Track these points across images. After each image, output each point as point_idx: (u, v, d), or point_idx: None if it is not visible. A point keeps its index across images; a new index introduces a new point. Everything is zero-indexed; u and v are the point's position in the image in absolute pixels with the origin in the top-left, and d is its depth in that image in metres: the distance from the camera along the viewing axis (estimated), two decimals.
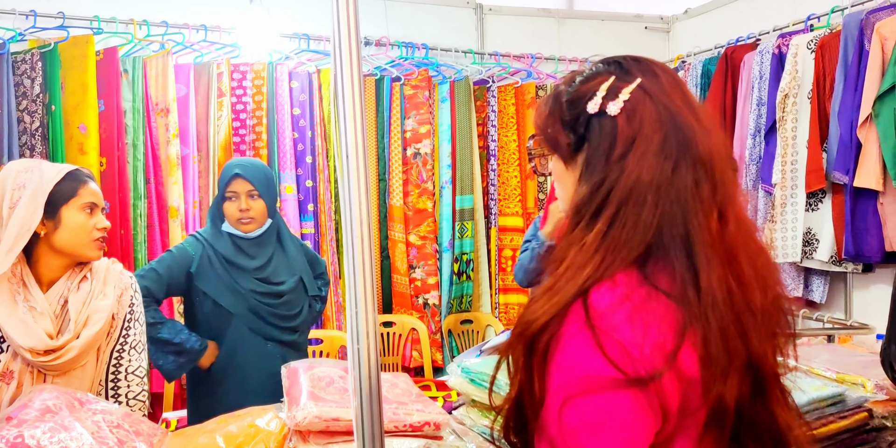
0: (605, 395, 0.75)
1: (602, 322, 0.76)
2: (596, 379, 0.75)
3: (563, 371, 0.77)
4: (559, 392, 0.77)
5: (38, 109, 2.76)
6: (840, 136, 2.80)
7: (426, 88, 3.52)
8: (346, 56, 0.94)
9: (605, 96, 0.87)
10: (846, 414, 1.54)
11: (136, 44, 3.00)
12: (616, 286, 0.79)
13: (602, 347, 0.75)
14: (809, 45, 2.96)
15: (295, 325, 2.30)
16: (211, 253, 2.21)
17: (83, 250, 1.63)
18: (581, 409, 0.75)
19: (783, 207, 3.04)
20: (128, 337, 1.71)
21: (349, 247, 0.96)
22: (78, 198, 1.62)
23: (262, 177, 2.24)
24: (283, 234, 2.35)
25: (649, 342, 0.76)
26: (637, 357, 0.75)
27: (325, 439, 1.35)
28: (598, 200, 0.85)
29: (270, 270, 2.25)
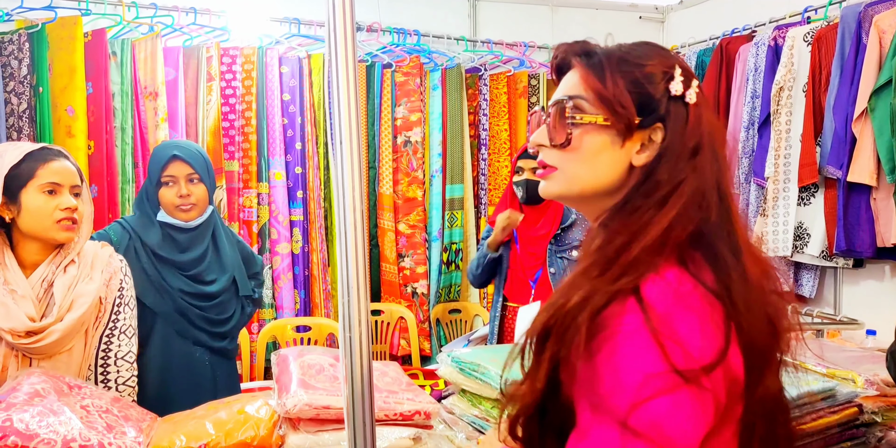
0: (670, 396, 0.72)
1: (663, 324, 0.74)
2: (662, 380, 0.72)
3: (630, 371, 0.74)
4: (628, 390, 0.73)
5: (26, 91, 2.71)
6: (835, 130, 2.80)
7: (417, 75, 3.49)
8: (342, 42, 0.92)
9: (682, 80, 0.85)
10: (836, 409, 1.55)
11: (125, 26, 2.95)
12: (666, 282, 0.77)
13: (666, 351, 0.73)
14: (806, 38, 2.95)
15: (225, 330, 2.07)
16: (137, 244, 1.96)
17: (47, 233, 1.58)
18: (649, 409, 0.72)
19: (775, 201, 3.04)
20: (117, 322, 1.69)
21: (342, 233, 0.94)
22: (36, 179, 1.56)
23: (202, 160, 2.02)
24: (218, 226, 2.11)
25: (705, 341, 0.74)
26: (696, 357, 0.73)
27: (316, 427, 1.34)
28: (668, 188, 0.82)
29: (203, 267, 2.03)
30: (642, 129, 0.85)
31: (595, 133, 0.86)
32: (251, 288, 2.20)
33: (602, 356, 0.75)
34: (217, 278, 2.04)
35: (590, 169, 0.87)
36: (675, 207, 0.80)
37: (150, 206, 2.01)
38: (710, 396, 0.75)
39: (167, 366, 1.96)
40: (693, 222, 0.80)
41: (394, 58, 3.50)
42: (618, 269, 0.78)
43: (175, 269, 1.99)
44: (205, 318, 2.01)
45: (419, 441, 1.36)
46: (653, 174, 0.83)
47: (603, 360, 0.75)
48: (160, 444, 1.30)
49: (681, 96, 0.84)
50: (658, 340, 0.73)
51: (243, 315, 2.15)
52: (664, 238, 0.79)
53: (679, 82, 0.84)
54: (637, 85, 0.84)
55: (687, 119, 0.84)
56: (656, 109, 0.84)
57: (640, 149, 0.85)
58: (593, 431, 0.75)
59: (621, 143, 0.85)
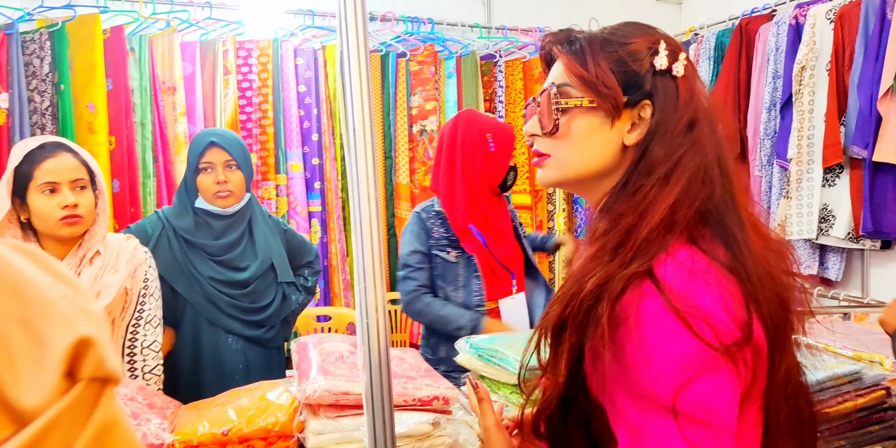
0: (710, 374, 0.72)
1: (683, 303, 0.72)
2: (699, 359, 0.71)
3: (665, 357, 0.72)
4: (669, 376, 0.71)
5: (48, 89, 2.75)
6: (859, 108, 2.74)
7: (432, 64, 3.48)
8: (353, 32, 0.92)
9: (668, 55, 0.83)
10: (864, 392, 1.52)
11: (142, 22, 2.97)
12: (679, 261, 0.76)
13: (692, 329, 0.71)
14: (828, 15, 2.89)
15: (260, 318, 2.04)
16: (170, 232, 1.97)
17: (51, 231, 1.61)
18: (694, 392, 0.71)
19: (799, 183, 2.99)
20: (143, 312, 1.73)
21: (356, 218, 0.95)
22: (34, 180, 1.59)
23: (239, 146, 2.02)
24: (255, 213, 2.10)
25: (728, 314, 0.73)
26: (724, 331, 0.72)
27: (335, 413, 1.35)
28: (669, 165, 0.80)
29: (235, 253, 2.01)
30: (630, 107, 0.83)
31: (583, 116, 0.85)
32: (304, 276, 2.20)
33: (631, 346, 0.73)
34: (249, 265, 2.03)
35: (582, 152, 0.86)
36: (678, 184, 0.79)
37: (189, 193, 2.02)
38: (742, 370, 0.74)
39: (197, 354, 1.98)
40: (699, 198, 0.79)
41: (408, 47, 3.49)
42: (629, 252, 0.76)
43: (205, 255, 1.99)
44: (236, 307, 2.00)
45: (438, 426, 1.37)
46: (648, 152, 0.82)
47: (633, 351, 0.73)
48: (184, 431, 1.32)
49: (667, 70, 0.83)
50: (683, 320, 0.72)
51: (286, 303, 2.12)
52: (672, 216, 0.78)
53: (664, 56, 0.82)
54: (620, 64, 0.83)
55: (678, 93, 0.82)
56: (642, 86, 0.83)
57: (631, 127, 0.84)
58: (648, 427, 0.73)
59: (610, 123, 0.84)
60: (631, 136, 0.84)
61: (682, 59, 0.83)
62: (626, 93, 0.83)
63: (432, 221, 2.19)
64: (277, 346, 2.16)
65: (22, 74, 2.69)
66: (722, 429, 0.71)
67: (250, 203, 2.08)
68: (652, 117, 0.82)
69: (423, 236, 2.17)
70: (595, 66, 0.84)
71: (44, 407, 0.44)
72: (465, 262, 2.16)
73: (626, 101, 0.83)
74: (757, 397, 0.79)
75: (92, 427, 0.46)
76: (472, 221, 2.16)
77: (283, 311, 2.12)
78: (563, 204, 3.82)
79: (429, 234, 2.18)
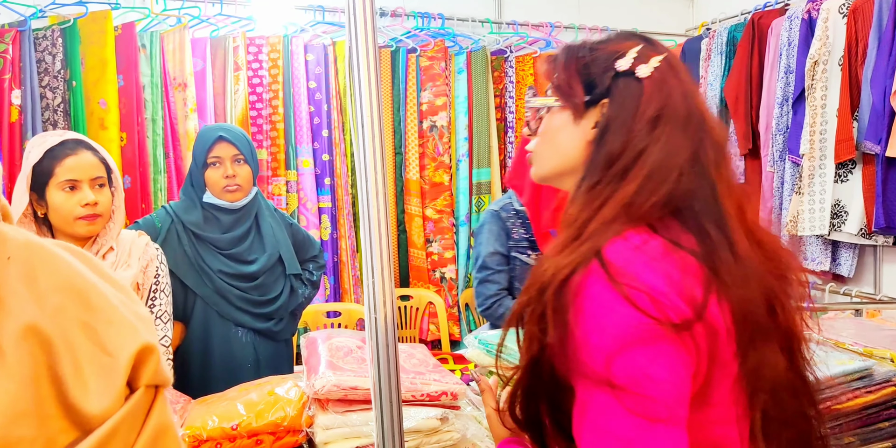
0: (649, 344, 0.75)
1: (623, 276, 0.76)
2: (635, 329, 0.75)
3: (601, 329, 0.76)
4: (600, 350, 0.75)
5: (60, 85, 2.77)
6: (872, 104, 2.72)
7: (442, 59, 3.47)
8: (361, 27, 0.92)
9: (636, 58, 0.88)
10: (874, 388, 1.52)
11: (153, 18, 2.99)
12: (627, 241, 0.80)
13: (630, 299, 0.75)
14: (841, 10, 2.86)
15: (269, 311, 2.06)
16: (179, 227, 1.99)
17: (69, 229, 1.62)
18: (630, 360, 0.74)
19: (811, 179, 2.97)
20: (153, 307, 1.73)
21: (365, 213, 0.95)
22: (54, 177, 1.60)
23: (246, 141, 2.05)
24: (262, 206, 2.12)
25: (675, 290, 0.76)
26: (666, 304, 0.75)
27: (344, 407, 1.36)
28: (625, 163, 0.84)
29: (243, 247, 2.04)
30: (593, 106, 0.90)
31: (553, 115, 0.95)
32: (310, 270, 2.21)
33: (575, 325, 0.77)
34: (257, 258, 2.04)
35: (552, 148, 0.95)
36: (636, 179, 0.83)
37: (196, 188, 2.03)
38: (690, 344, 0.77)
39: (208, 347, 1.99)
40: (657, 194, 0.83)
41: (418, 42, 3.49)
42: (579, 242, 0.81)
43: (214, 248, 2.00)
44: (246, 299, 2.02)
45: (446, 421, 1.37)
46: (601, 146, 0.87)
47: (576, 329, 0.77)
48: (193, 425, 1.33)
49: (629, 72, 0.88)
50: (623, 292, 0.75)
51: (293, 296, 2.13)
52: (627, 208, 0.82)
53: (629, 59, 0.88)
54: (585, 67, 0.91)
55: (641, 92, 0.87)
56: (601, 86, 0.89)
57: (595, 125, 0.90)
58: (590, 401, 0.77)
59: (576, 121, 0.91)
60: (592, 131, 0.90)
61: (654, 62, 0.88)
62: (588, 93, 0.90)
63: (512, 221, 2.13)
64: (286, 338, 2.18)
65: (34, 71, 2.71)
66: (658, 400, 0.74)
67: (257, 197, 2.10)
68: (606, 114, 0.88)
69: (503, 237, 2.13)
70: (561, 72, 0.93)
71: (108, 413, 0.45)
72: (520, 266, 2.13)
73: (587, 100, 0.90)
74: (727, 376, 0.81)
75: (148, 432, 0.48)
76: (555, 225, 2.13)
77: (291, 304, 2.14)
78: None
79: (508, 234, 2.12)
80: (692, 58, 3.68)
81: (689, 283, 0.77)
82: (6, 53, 2.62)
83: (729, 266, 0.80)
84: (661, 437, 0.74)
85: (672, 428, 0.75)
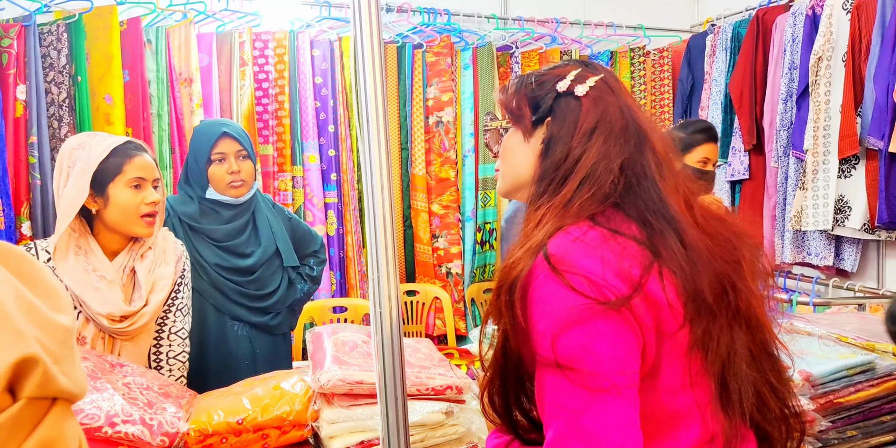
0: (587, 323, 0.83)
1: (562, 263, 0.85)
2: (573, 311, 0.83)
3: (545, 315, 0.84)
4: (546, 334, 0.84)
5: (65, 81, 2.78)
6: (875, 99, 2.72)
7: (448, 55, 3.48)
8: (367, 22, 0.93)
9: (573, 80, 1.00)
10: (876, 382, 1.53)
11: (159, 14, 2.99)
12: (567, 233, 0.89)
13: (569, 283, 0.83)
14: (845, 6, 2.86)
15: (266, 305, 2.05)
16: (175, 221, 1.99)
17: (131, 227, 1.65)
18: (570, 339, 0.83)
19: (814, 174, 2.97)
20: (175, 300, 1.76)
21: (370, 208, 0.96)
22: (123, 174, 1.62)
23: (247, 136, 2.06)
24: (259, 200, 2.12)
25: (611, 271, 0.85)
26: (601, 284, 0.83)
27: (349, 402, 1.37)
28: (565, 169, 0.95)
29: (239, 240, 2.03)
30: (539, 124, 1.02)
31: (508, 136, 1.07)
32: (310, 265, 2.22)
33: (527, 314, 0.87)
34: (254, 251, 2.04)
35: (510, 165, 1.07)
36: (573, 182, 0.94)
37: (197, 184, 2.01)
38: (629, 318, 0.84)
39: (204, 341, 1.99)
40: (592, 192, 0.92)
41: (424, 38, 3.49)
42: (529, 242, 0.91)
43: (210, 241, 2.00)
44: (243, 293, 2.02)
45: (451, 415, 1.38)
46: (546, 158, 0.98)
47: (529, 317, 0.86)
48: (199, 419, 1.35)
49: (568, 92, 0.99)
50: (562, 278, 0.84)
51: (291, 290, 2.13)
52: (564, 208, 0.92)
53: (568, 81, 1.00)
54: (532, 92, 1.03)
55: (579, 108, 0.98)
56: (544, 106, 1.01)
57: (542, 141, 1.01)
58: (543, 381, 0.86)
59: (527, 139, 1.03)
60: (540, 147, 1.01)
61: (591, 81, 0.99)
62: (534, 113, 1.02)
63: None
64: (283, 332, 2.18)
65: (39, 66, 2.72)
66: (600, 375, 0.82)
67: (256, 191, 2.11)
68: (550, 128, 1.00)
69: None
70: (514, 96, 1.05)
71: None
72: None
73: (534, 120, 1.02)
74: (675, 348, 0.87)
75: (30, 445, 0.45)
76: None
77: (289, 298, 2.14)
78: None
79: None
80: (697, 54, 3.68)
81: (626, 264, 0.86)
82: (11, 49, 2.62)
83: (672, 249, 0.88)
84: (607, 406, 0.82)
85: (617, 397, 0.82)
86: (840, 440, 1.47)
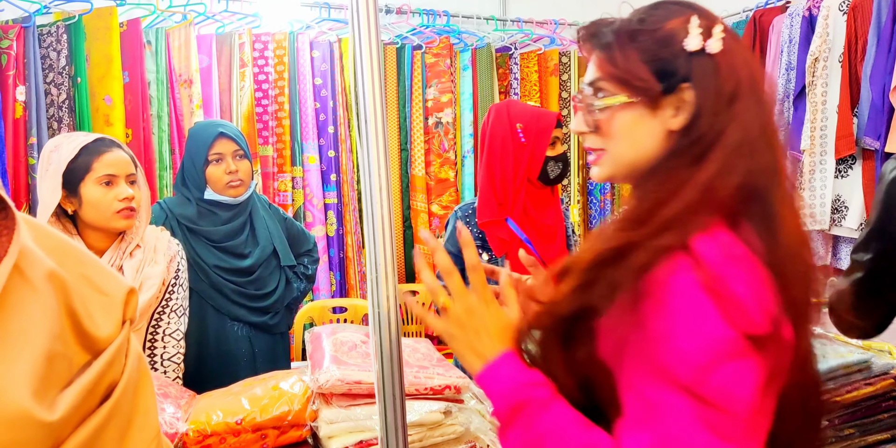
0: (738, 361, 0.71)
1: (718, 282, 0.71)
2: (728, 345, 0.71)
3: (693, 337, 0.71)
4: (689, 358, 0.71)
5: (65, 82, 2.78)
6: (872, 100, 2.73)
7: (447, 56, 3.49)
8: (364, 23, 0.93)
9: (700, 33, 0.80)
10: (872, 380, 1.53)
11: (159, 15, 2.99)
12: (717, 242, 0.75)
13: (727, 311, 0.71)
14: (841, 7, 2.87)
15: (265, 305, 2.07)
16: (174, 223, 1.99)
17: (108, 223, 1.64)
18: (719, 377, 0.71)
19: (812, 174, 2.99)
20: (170, 301, 1.75)
21: (368, 209, 0.96)
22: (92, 172, 1.61)
23: (242, 136, 2.07)
24: (255, 201, 2.13)
25: (761, 305, 0.72)
26: (757, 321, 0.71)
27: (348, 401, 1.37)
28: (703, 144, 0.79)
29: (237, 241, 2.04)
30: (669, 93, 0.82)
31: (623, 111, 0.84)
32: (304, 264, 2.22)
33: (656, 319, 0.73)
34: (252, 251, 2.05)
35: (630, 145, 0.85)
36: (717, 160, 0.77)
37: (194, 185, 2.01)
38: (768, 364, 0.73)
39: (203, 341, 1.99)
40: (739, 174, 0.77)
41: (423, 39, 3.50)
42: (658, 224, 0.75)
43: (208, 242, 2.01)
44: (242, 294, 2.03)
45: (450, 415, 1.39)
46: (692, 132, 0.80)
47: (658, 324, 0.73)
48: (198, 419, 1.35)
49: (701, 50, 0.80)
50: (717, 302, 0.71)
51: (289, 290, 2.14)
52: (709, 194, 0.76)
53: (696, 36, 0.80)
54: (651, 53, 0.81)
55: (717, 70, 0.80)
56: (677, 71, 0.81)
57: (675, 112, 0.82)
58: (663, 404, 0.72)
59: (652, 113, 0.83)
60: (676, 120, 0.82)
61: (718, 33, 0.80)
62: (662, 80, 0.81)
63: (467, 221, 2.11)
64: (282, 332, 2.19)
65: (39, 67, 2.72)
66: (739, 418, 0.71)
67: (254, 191, 2.12)
68: (695, 99, 0.80)
69: (455, 237, 2.10)
70: (625, 61, 0.82)
71: (111, 338, 0.60)
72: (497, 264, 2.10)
73: (663, 90, 0.81)
74: (776, 388, 0.78)
75: (133, 353, 0.62)
76: (510, 216, 2.07)
77: (287, 297, 2.15)
78: (577, 195, 3.82)
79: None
80: None
81: (768, 297, 0.73)
82: (10, 50, 2.63)
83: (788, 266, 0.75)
84: None
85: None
86: (837, 438, 1.48)
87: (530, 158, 2.03)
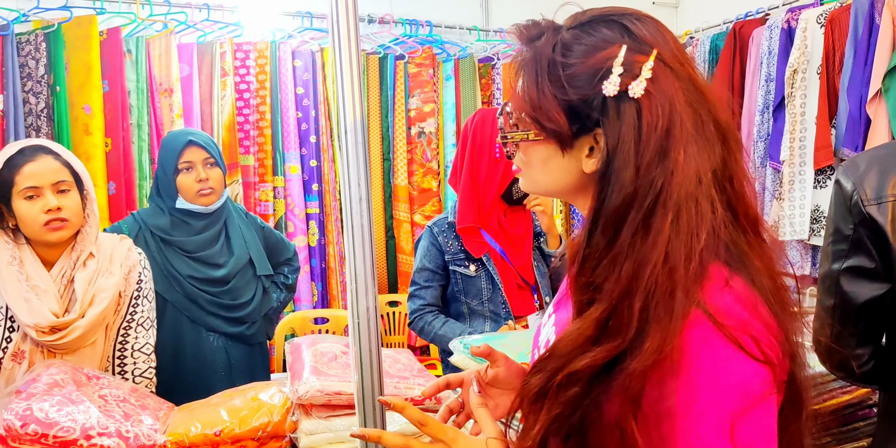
0: (767, 399, 0.67)
1: (729, 320, 0.65)
2: (752, 387, 0.66)
3: (714, 384, 0.65)
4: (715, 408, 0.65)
5: (43, 90, 2.76)
6: (849, 111, 2.77)
7: (430, 66, 3.50)
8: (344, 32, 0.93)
9: (622, 74, 0.70)
10: (850, 388, 1.54)
11: (139, 24, 2.98)
12: (711, 278, 0.68)
13: (744, 348, 0.65)
14: (819, 20, 2.92)
15: (241, 315, 2.05)
16: (147, 233, 1.98)
17: (38, 237, 1.59)
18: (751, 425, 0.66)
19: (791, 185, 3.02)
20: (135, 314, 1.71)
21: (348, 219, 0.96)
22: (16, 186, 1.56)
23: (213, 144, 2.05)
24: (230, 210, 2.12)
25: (772, 336, 0.68)
26: (772, 356, 0.66)
27: (327, 413, 1.37)
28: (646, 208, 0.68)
29: (211, 251, 2.02)
30: (582, 135, 0.74)
31: (535, 146, 0.79)
32: (285, 274, 2.21)
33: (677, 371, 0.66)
34: (226, 261, 2.04)
35: (544, 175, 0.80)
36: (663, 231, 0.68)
37: (167, 194, 2.01)
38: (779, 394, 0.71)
39: (179, 352, 1.98)
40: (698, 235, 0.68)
41: (406, 49, 3.51)
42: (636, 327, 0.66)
43: (183, 253, 1.99)
44: (217, 304, 2.01)
45: None
46: (609, 184, 0.71)
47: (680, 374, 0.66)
48: (176, 431, 1.33)
49: (620, 93, 0.70)
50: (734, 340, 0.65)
51: (266, 299, 2.13)
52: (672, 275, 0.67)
53: (614, 81, 0.70)
54: (565, 92, 0.73)
55: (639, 115, 0.69)
56: (590, 114, 0.72)
57: (590, 153, 0.75)
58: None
59: (565, 152, 0.76)
60: (589, 162, 0.75)
61: (646, 71, 0.70)
62: (574, 123, 0.73)
63: (445, 236, 2.11)
64: (259, 342, 2.17)
65: (17, 76, 2.70)
66: None
67: (227, 201, 2.10)
68: (607, 145, 0.71)
69: (435, 252, 2.10)
70: (539, 97, 0.75)
71: None
72: (485, 275, 2.09)
73: (574, 132, 0.74)
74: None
75: None
76: (483, 226, 2.08)
77: (264, 307, 2.14)
78: (559, 205, 3.84)
79: (441, 249, 2.09)
80: None
81: (772, 325, 0.68)
82: None
83: (770, 292, 0.70)
84: None
85: None
86: (815, 447, 1.49)
87: (501, 176, 2.04)
